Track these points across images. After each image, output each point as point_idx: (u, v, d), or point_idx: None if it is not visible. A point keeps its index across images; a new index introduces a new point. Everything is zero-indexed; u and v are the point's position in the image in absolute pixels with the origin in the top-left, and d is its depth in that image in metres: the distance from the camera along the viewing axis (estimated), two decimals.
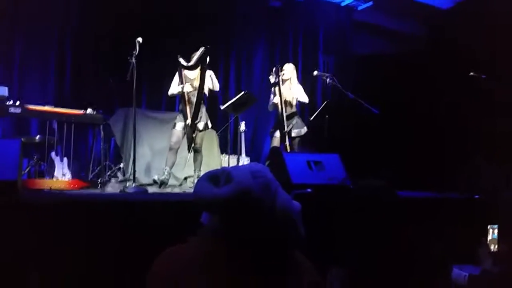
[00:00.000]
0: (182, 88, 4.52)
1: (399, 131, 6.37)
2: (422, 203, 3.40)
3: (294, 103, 5.02)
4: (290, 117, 4.94)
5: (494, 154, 4.85)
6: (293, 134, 4.94)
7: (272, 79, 4.89)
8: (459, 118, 6.06)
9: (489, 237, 2.55)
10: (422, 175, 4.99)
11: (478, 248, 2.12)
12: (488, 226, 2.57)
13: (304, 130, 5.06)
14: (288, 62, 7.30)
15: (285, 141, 4.84)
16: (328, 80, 5.36)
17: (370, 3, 7.68)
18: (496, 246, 2.64)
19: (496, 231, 2.68)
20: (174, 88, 4.66)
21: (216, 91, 4.92)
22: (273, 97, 4.93)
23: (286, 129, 4.84)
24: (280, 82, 4.85)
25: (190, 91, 4.53)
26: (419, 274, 1.59)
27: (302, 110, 7.69)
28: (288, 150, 4.79)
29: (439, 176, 4.86)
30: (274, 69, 4.90)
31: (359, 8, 7.85)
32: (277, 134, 4.93)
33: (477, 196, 3.65)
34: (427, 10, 7.56)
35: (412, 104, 6.45)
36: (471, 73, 4.77)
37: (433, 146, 6.13)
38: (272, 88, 4.97)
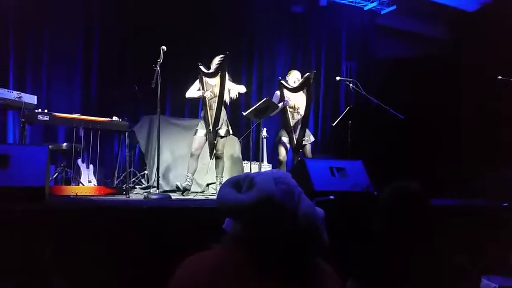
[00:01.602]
0: (203, 94, 4.55)
1: (425, 137, 6.25)
2: (449, 211, 3.32)
3: (300, 111, 4.94)
4: (298, 124, 4.90)
5: None
6: (303, 142, 4.89)
7: (288, 84, 4.88)
8: (488, 123, 5.91)
9: None
10: (448, 182, 4.87)
11: (510, 258, 2.04)
12: None
13: (312, 137, 5.05)
14: (311, 67, 7.27)
15: (297, 150, 4.82)
16: (351, 85, 5.31)
17: (394, 7, 7.61)
18: None
19: None
20: (193, 91, 4.69)
21: (242, 93, 4.93)
22: (286, 102, 4.87)
23: (304, 137, 4.84)
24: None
25: (211, 98, 4.56)
26: (446, 285, 1.55)
27: (324, 114, 7.68)
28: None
29: (466, 183, 4.74)
30: (307, 74, 4.83)
31: (382, 12, 7.79)
32: (285, 139, 4.90)
33: (505, 204, 3.54)
34: (452, 12, 7.43)
35: (439, 109, 6.33)
36: (499, 77, 4.66)
37: (460, 152, 5.99)
38: (280, 92, 4.91)
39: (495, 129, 5.78)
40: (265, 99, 4.73)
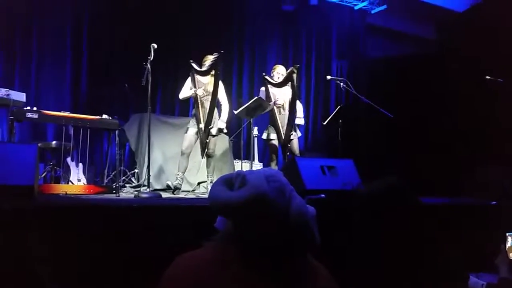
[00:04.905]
0: (195, 92, 4.52)
1: (414, 135, 6.30)
2: (438, 209, 3.35)
3: (286, 107, 4.90)
4: (284, 119, 4.89)
5: None
6: (291, 137, 4.89)
7: (273, 80, 4.86)
8: (477, 122, 5.97)
9: (508, 245, 2.50)
10: (438, 180, 4.91)
11: (496, 256, 2.07)
12: (507, 234, 2.51)
13: (299, 132, 5.05)
14: (301, 66, 7.25)
15: (286, 146, 4.82)
16: (341, 84, 5.33)
17: (384, 6, 7.66)
18: None
19: None
20: (186, 91, 4.66)
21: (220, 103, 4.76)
22: (276, 100, 4.84)
23: (292, 132, 4.83)
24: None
25: (203, 96, 4.54)
26: (435, 283, 1.56)
27: (315, 113, 7.71)
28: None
29: (456, 181, 4.79)
30: (290, 69, 4.77)
31: (373, 11, 7.83)
32: (273, 136, 4.89)
33: (494, 203, 3.58)
34: (441, 13, 7.50)
35: (428, 108, 6.38)
36: (487, 77, 4.71)
37: (450, 150, 6.05)
38: (265, 87, 4.86)
39: (485, 129, 5.84)
40: (256, 98, 4.72)
